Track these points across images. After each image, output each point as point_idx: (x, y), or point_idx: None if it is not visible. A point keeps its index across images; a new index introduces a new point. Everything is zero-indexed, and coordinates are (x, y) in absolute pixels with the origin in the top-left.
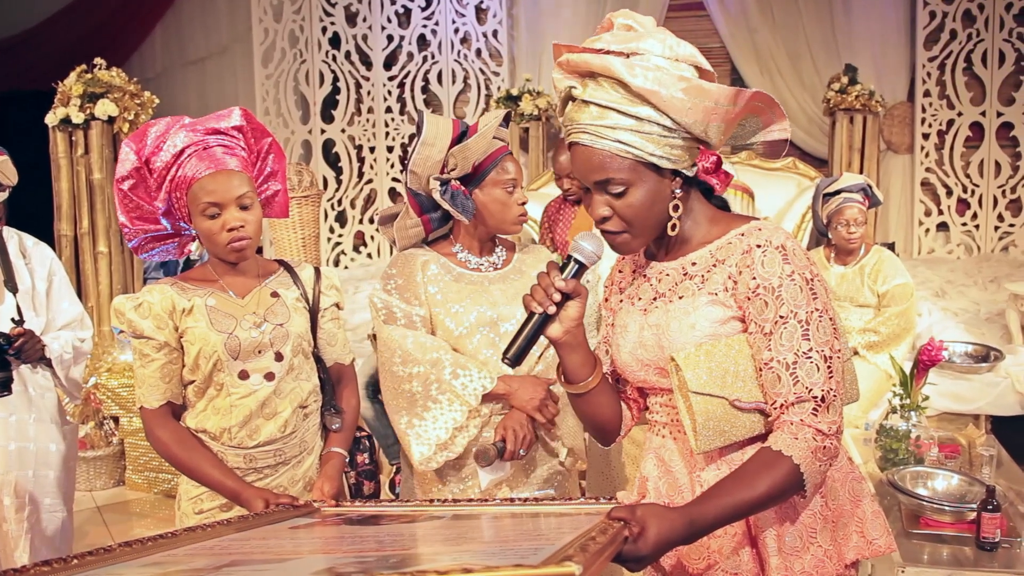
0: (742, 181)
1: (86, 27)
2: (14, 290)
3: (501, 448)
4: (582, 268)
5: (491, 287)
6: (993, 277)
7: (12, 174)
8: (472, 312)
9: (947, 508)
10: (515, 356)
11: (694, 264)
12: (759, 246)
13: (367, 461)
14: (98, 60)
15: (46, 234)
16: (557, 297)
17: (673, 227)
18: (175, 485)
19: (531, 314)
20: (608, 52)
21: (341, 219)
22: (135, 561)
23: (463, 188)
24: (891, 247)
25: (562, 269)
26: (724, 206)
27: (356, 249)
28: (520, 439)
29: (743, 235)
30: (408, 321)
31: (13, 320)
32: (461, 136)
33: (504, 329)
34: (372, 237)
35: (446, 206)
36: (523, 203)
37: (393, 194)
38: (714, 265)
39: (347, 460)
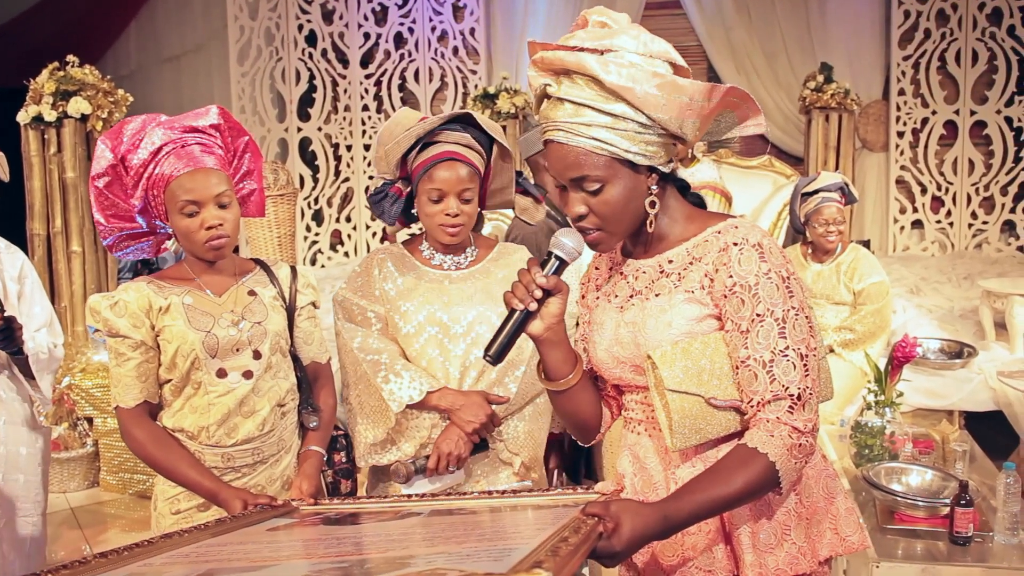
0: (721, 184)
1: (59, 24)
2: None
3: (421, 466)
4: (563, 264)
5: (450, 286)
6: (967, 274)
7: (6, 171)
8: (421, 312)
9: (921, 503)
10: (497, 353)
11: (671, 262)
12: (736, 244)
13: (344, 460)
14: (71, 57)
15: (18, 234)
16: (538, 294)
17: (650, 224)
18: (150, 486)
19: (512, 311)
20: (582, 49)
21: (318, 218)
22: (111, 572)
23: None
24: (866, 244)
25: (543, 265)
26: (700, 203)
27: (333, 248)
28: (446, 456)
29: (719, 233)
30: (363, 318)
31: None
32: None
33: (454, 331)
34: (349, 236)
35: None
36: None
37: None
38: (691, 263)
39: (325, 459)
